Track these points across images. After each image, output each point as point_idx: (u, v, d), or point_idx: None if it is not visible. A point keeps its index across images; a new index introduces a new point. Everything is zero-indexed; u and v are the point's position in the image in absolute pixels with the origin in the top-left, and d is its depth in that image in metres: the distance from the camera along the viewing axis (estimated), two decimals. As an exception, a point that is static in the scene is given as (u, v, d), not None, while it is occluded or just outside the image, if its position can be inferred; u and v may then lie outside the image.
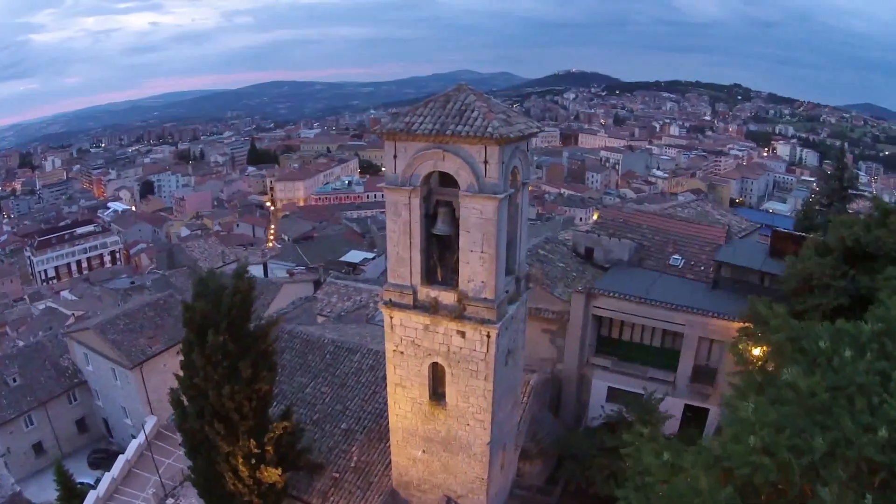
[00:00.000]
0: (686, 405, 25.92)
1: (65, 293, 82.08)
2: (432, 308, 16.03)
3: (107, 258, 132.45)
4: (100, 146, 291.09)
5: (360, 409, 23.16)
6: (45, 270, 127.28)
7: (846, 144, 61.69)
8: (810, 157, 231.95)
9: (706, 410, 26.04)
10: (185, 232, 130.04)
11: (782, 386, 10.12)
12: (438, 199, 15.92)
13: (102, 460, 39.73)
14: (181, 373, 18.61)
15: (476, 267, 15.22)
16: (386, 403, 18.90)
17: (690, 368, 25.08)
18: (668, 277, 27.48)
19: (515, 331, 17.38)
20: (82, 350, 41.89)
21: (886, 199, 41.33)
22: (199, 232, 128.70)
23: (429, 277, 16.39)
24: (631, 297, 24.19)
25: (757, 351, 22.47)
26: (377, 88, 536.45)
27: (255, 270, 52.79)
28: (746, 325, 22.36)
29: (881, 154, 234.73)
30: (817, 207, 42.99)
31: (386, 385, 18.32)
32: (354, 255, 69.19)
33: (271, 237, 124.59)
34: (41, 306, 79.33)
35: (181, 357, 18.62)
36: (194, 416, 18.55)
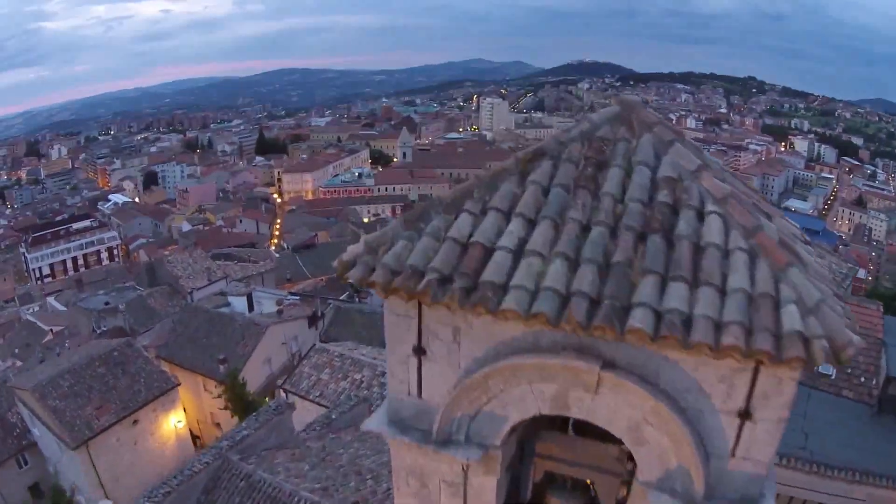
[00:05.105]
0: None
1: (51, 300, 74.25)
2: None
3: (104, 255, 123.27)
4: (109, 134, 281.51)
5: None
6: (40, 268, 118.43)
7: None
8: (828, 153, 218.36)
9: None
10: (186, 227, 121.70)
11: None
12: (550, 469, 5.22)
13: (59, 537, 31.84)
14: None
15: None
16: None
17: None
18: (822, 397, 17.22)
19: None
20: (26, 410, 33.85)
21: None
22: (201, 227, 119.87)
23: None
24: (800, 465, 13.77)
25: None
26: (389, 76, 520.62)
27: (239, 304, 42.86)
28: None
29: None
30: None
31: None
32: (361, 275, 58.63)
33: (276, 236, 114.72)
34: (31, 310, 72.25)
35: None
36: None
